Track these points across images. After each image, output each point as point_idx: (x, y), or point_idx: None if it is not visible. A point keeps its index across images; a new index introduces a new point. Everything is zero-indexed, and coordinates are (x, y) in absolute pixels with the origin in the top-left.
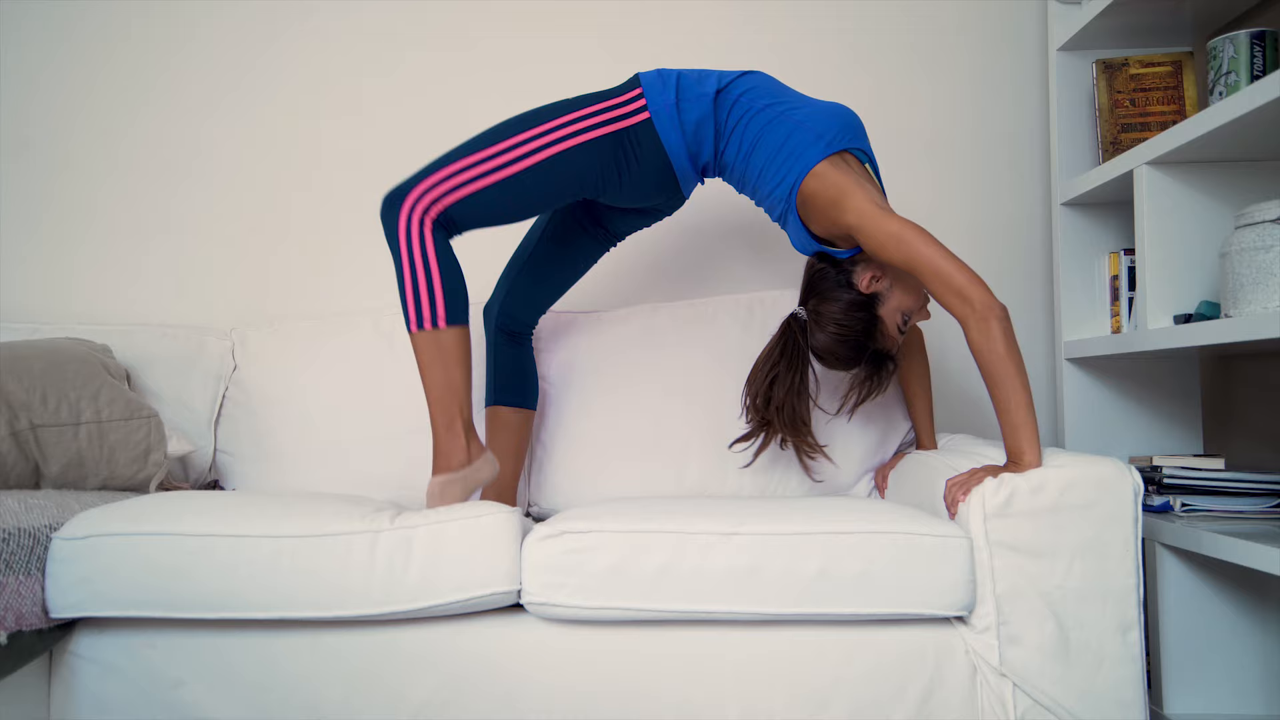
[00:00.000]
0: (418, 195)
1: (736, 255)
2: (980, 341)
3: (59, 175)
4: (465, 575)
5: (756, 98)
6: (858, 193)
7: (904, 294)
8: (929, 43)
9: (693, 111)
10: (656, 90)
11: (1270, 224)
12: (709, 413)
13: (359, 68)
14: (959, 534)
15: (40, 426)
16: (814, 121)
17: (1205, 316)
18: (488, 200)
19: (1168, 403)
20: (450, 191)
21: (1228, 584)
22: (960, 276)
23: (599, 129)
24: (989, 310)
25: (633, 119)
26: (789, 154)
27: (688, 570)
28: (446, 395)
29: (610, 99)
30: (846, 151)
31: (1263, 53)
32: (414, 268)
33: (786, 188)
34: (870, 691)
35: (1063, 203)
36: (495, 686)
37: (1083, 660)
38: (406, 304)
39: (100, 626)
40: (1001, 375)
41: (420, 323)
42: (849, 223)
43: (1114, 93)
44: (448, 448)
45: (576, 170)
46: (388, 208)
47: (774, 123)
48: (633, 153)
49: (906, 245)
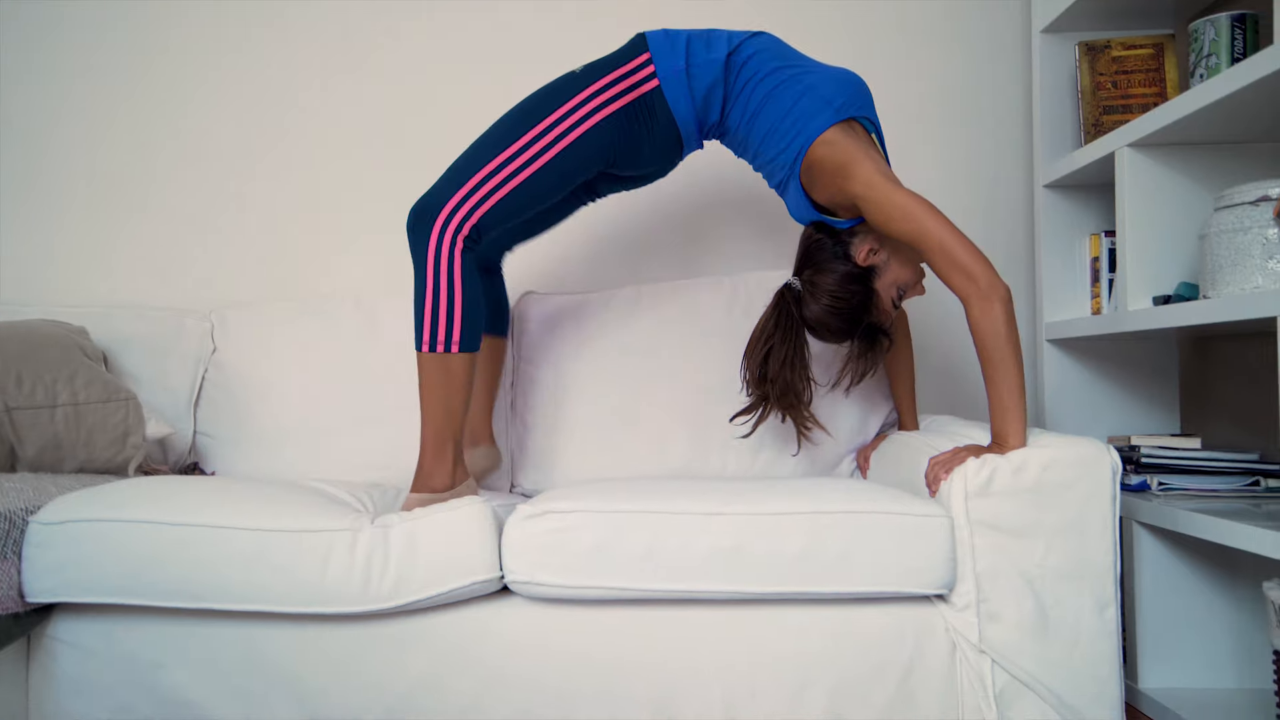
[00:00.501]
0: (449, 213)
1: (720, 238)
2: (982, 321)
3: (36, 158)
4: (445, 569)
5: (765, 60)
6: (866, 162)
7: (900, 267)
8: (913, 24)
9: (703, 78)
10: (666, 54)
11: (1249, 206)
12: (692, 394)
13: (338, 51)
14: (940, 513)
15: (15, 409)
16: (824, 86)
17: (1184, 298)
18: (515, 202)
19: (1146, 383)
20: (479, 204)
21: (1202, 561)
22: (966, 254)
23: (612, 104)
24: (993, 290)
25: (643, 87)
26: (797, 118)
27: (671, 550)
28: (443, 420)
29: (618, 67)
30: (854, 119)
31: (1243, 35)
32: (437, 290)
33: (793, 153)
34: (852, 668)
35: (1045, 184)
36: (483, 663)
37: (1060, 637)
38: (422, 324)
39: (78, 611)
40: (999, 357)
41: (433, 345)
42: (855, 192)
43: (1096, 75)
44: (432, 469)
45: (596, 149)
46: (418, 224)
47: (783, 86)
48: (645, 122)
49: (914, 219)
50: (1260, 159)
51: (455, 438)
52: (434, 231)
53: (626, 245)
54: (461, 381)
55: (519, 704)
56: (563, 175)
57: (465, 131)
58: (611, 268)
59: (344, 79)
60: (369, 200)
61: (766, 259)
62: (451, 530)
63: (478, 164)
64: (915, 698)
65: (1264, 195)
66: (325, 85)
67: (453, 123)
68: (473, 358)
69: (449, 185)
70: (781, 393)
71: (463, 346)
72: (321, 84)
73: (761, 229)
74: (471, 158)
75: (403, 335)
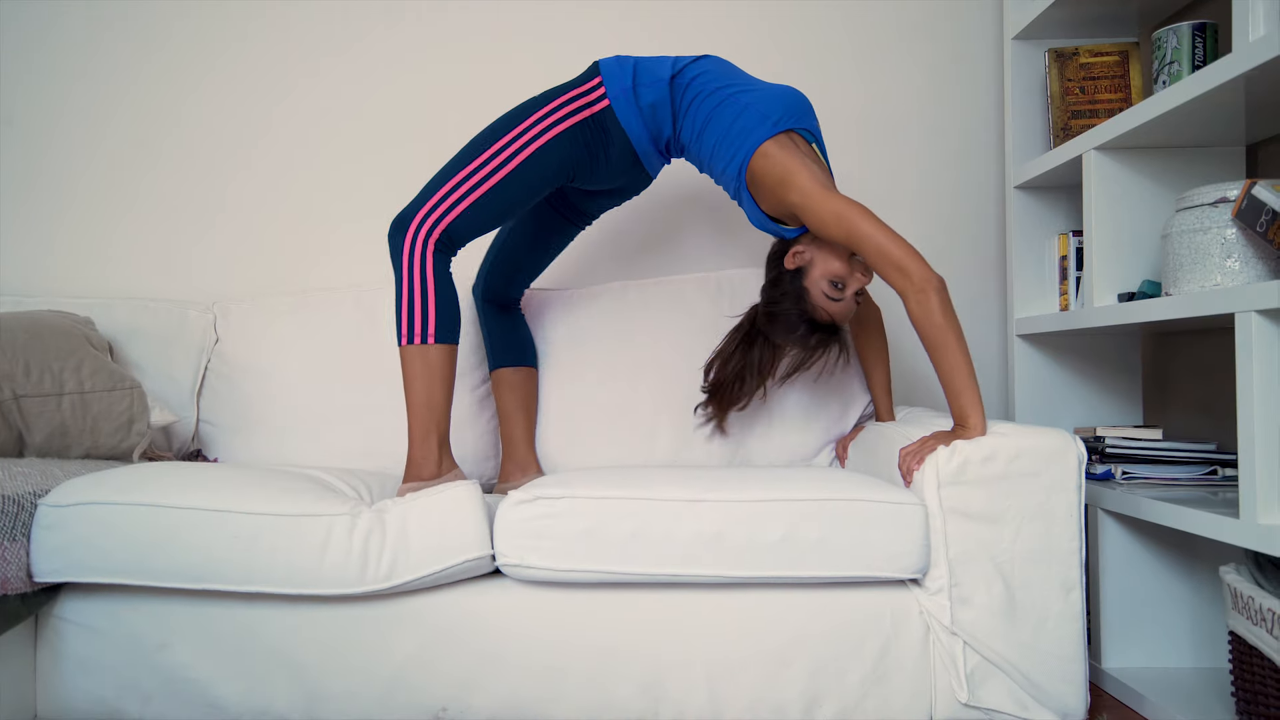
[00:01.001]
0: (420, 220)
1: (705, 235)
2: (919, 313)
3: (42, 151)
4: (438, 548)
5: (709, 80)
6: (802, 172)
7: (825, 261)
8: (890, 31)
9: (649, 95)
10: (615, 76)
11: (1208, 207)
12: (678, 386)
13: (340, 47)
14: (914, 501)
15: (23, 397)
16: (761, 103)
17: (1147, 295)
18: (480, 210)
19: (1111, 376)
20: (447, 212)
21: (1163, 547)
22: (898, 251)
23: (566, 120)
24: (926, 283)
25: (595, 107)
26: (738, 133)
27: (657, 535)
28: (425, 409)
29: (573, 89)
30: (793, 131)
31: (1204, 44)
32: (412, 286)
33: (736, 166)
34: (830, 649)
35: (1015, 186)
36: (474, 643)
37: (1028, 619)
38: (400, 319)
39: (85, 591)
40: (941, 343)
41: (410, 337)
42: (793, 200)
43: (1065, 80)
44: (420, 458)
45: (553, 162)
46: (394, 233)
47: (724, 104)
48: (600, 138)
49: (847, 222)
50: (1219, 162)
51: (439, 428)
52: (407, 237)
53: (614, 243)
54: (441, 373)
55: (510, 682)
56: (525, 185)
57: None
58: (599, 264)
59: (343, 73)
60: (368, 194)
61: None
62: (443, 511)
63: (446, 178)
64: (890, 677)
65: (1223, 197)
66: (324, 80)
67: (452, 118)
68: (451, 350)
69: (422, 198)
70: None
71: (439, 338)
72: (320, 79)
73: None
74: (441, 173)
75: None
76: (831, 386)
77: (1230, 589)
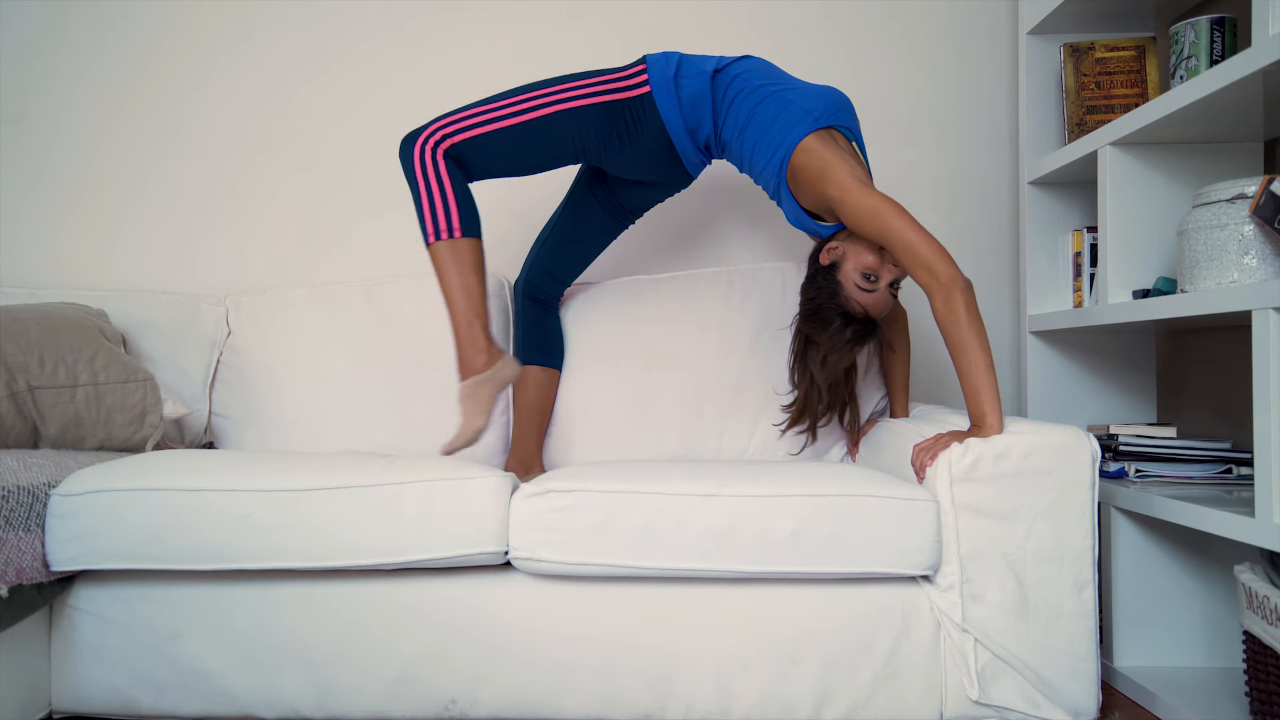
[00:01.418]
0: (430, 131)
1: (722, 230)
2: (944, 311)
3: (56, 145)
4: (456, 533)
5: (751, 78)
6: (841, 167)
7: (857, 254)
8: (905, 26)
9: (690, 87)
10: (659, 67)
11: (1225, 203)
12: (690, 381)
13: (349, 41)
14: (926, 497)
15: (38, 388)
16: (804, 99)
17: (1162, 292)
18: (493, 143)
19: (1125, 374)
20: (460, 130)
21: (1176, 545)
22: (927, 250)
23: (602, 95)
24: (953, 283)
25: (633, 91)
26: (780, 129)
27: (668, 530)
28: (464, 301)
29: (617, 72)
30: (834, 129)
31: (1222, 38)
32: (429, 187)
33: (777, 161)
34: (840, 645)
35: (1030, 181)
36: (484, 637)
37: (1040, 617)
38: (424, 219)
39: (99, 580)
40: (963, 342)
41: (437, 234)
42: (831, 195)
43: (1080, 75)
44: (470, 352)
45: (575, 127)
46: (404, 144)
47: (767, 100)
48: (633, 123)
49: (881, 219)
50: (1237, 158)
51: (480, 318)
52: (417, 143)
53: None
54: (473, 263)
55: (519, 676)
56: (541, 138)
57: None
58: (613, 259)
59: (354, 67)
60: (379, 186)
61: (762, 251)
62: (468, 496)
63: (470, 105)
64: (901, 674)
65: (1240, 193)
66: (335, 73)
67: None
68: (478, 242)
69: (440, 116)
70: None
71: (464, 231)
72: (331, 72)
73: (756, 223)
74: (467, 103)
75: (411, 320)
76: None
77: (1245, 588)
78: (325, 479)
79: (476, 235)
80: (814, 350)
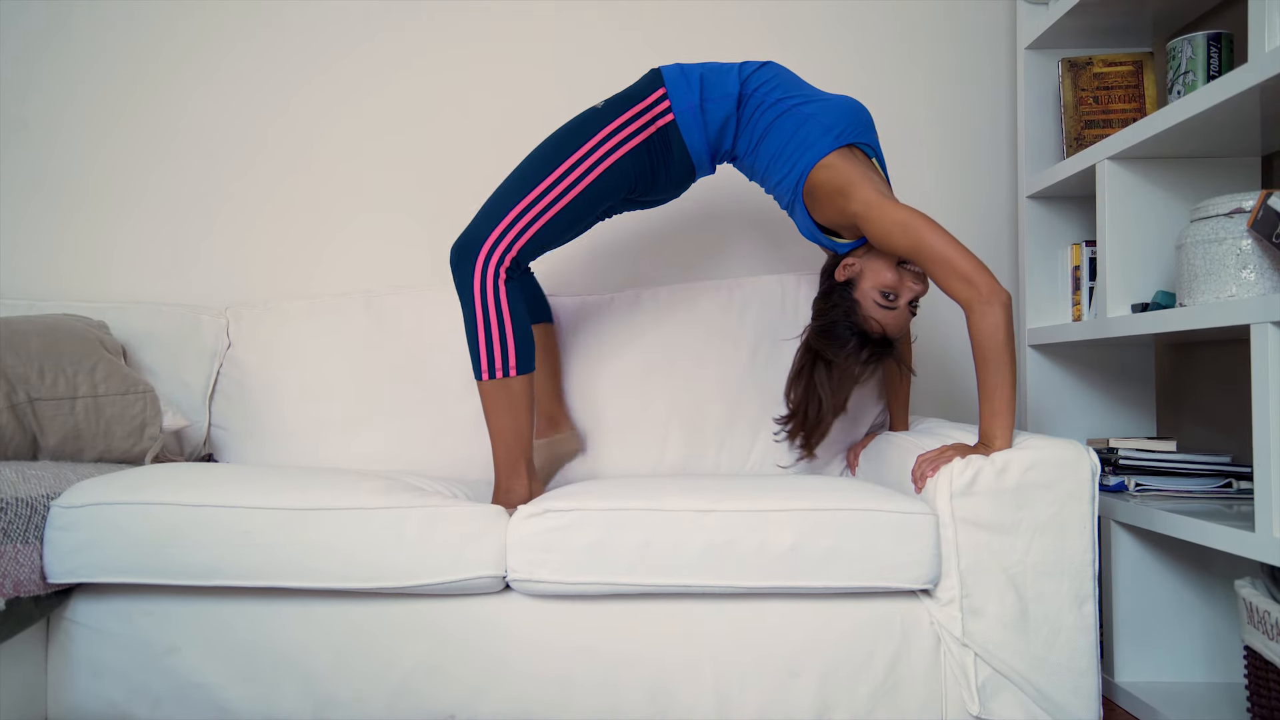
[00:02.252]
0: (490, 248)
1: (718, 243)
2: (983, 326)
3: (56, 155)
4: (455, 558)
5: (771, 91)
6: (864, 183)
7: (875, 272)
8: (904, 40)
9: (718, 111)
10: (681, 90)
11: (1223, 218)
12: (689, 395)
13: (354, 48)
14: (926, 511)
15: (38, 400)
16: (824, 114)
17: (1161, 306)
18: (549, 233)
19: (1124, 387)
20: (517, 238)
21: (1176, 560)
22: (966, 263)
23: (633, 139)
24: (994, 296)
25: (660, 122)
26: (799, 145)
27: (666, 546)
28: (513, 439)
29: (637, 103)
30: (854, 145)
31: (1218, 54)
32: (488, 321)
33: (795, 177)
34: (840, 660)
35: (1028, 195)
36: (483, 650)
37: (1040, 631)
38: (479, 355)
39: (96, 593)
40: (995, 362)
41: (492, 373)
42: (855, 211)
43: (1078, 90)
44: (511, 486)
45: (619, 181)
46: (461, 261)
47: (786, 114)
48: (662, 155)
49: (913, 232)
50: (1234, 172)
51: (526, 454)
52: (477, 267)
53: (627, 250)
54: (524, 402)
55: (517, 690)
56: (590, 204)
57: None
58: (612, 271)
59: (350, 77)
60: (378, 197)
61: (762, 264)
62: (468, 522)
63: (512, 201)
64: (901, 689)
65: (1238, 207)
66: (332, 84)
67: (461, 120)
68: (530, 378)
69: (487, 222)
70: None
71: (520, 369)
72: (327, 82)
73: (757, 235)
74: (505, 194)
75: (411, 331)
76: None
77: (1246, 603)
78: (328, 499)
79: (531, 370)
80: (822, 368)
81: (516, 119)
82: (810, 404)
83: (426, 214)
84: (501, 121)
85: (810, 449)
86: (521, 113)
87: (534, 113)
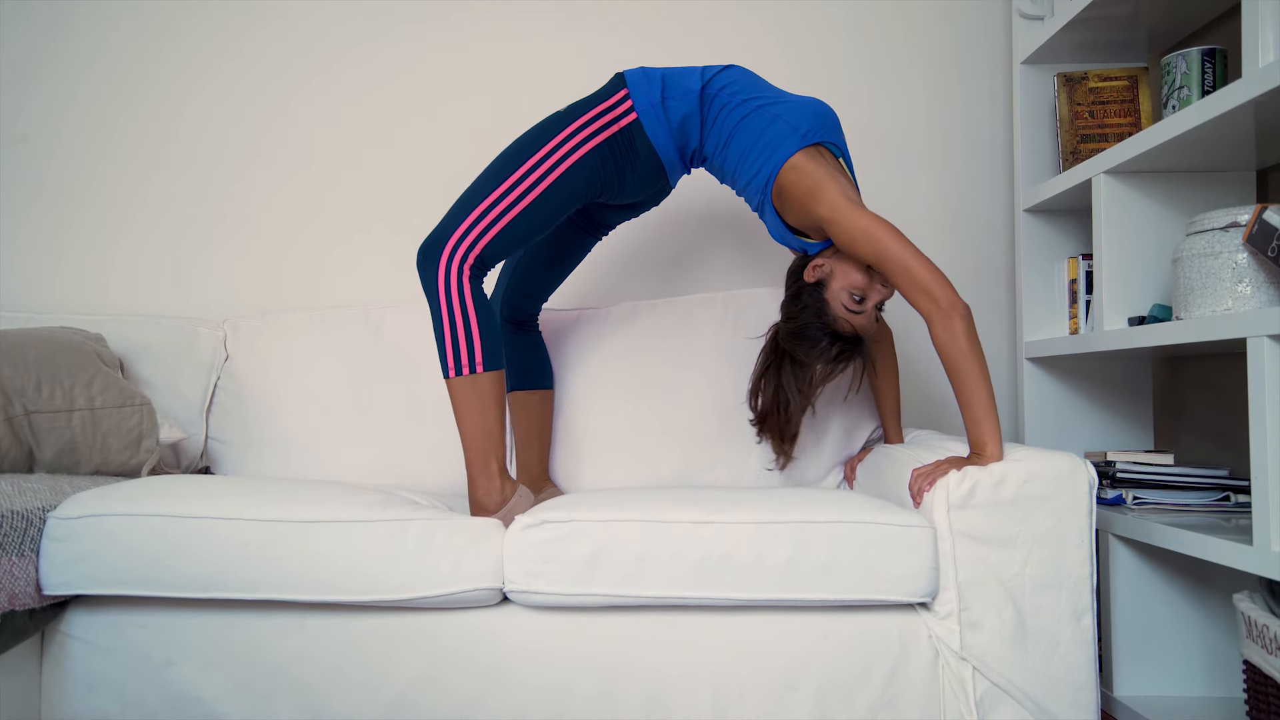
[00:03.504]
0: (453, 247)
1: (716, 253)
2: (944, 338)
3: (54, 168)
4: (452, 571)
5: (736, 91)
6: (831, 185)
7: (845, 273)
8: (900, 54)
9: (679, 108)
10: (642, 90)
11: (1219, 232)
12: (685, 407)
13: (350, 60)
14: (923, 524)
15: (34, 413)
16: (790, 115)
17: (1158, 319)
18: (512, 232)
19: (1121, 401)
20: (479, 237)
21: (1175, 573)
22: (926, 274)
23: (595, 138)
24: (953, 308)
25: (622, 121)
26: (766, 145)
27: (663, 558)
28: (482, 439)
29: (599, 104)
30: (821, 145)
31: (1213, 69)
32: (453, 318)
33: (763, 178)
34: (837, 673)
35: (1025, 209)
36: (480, 666)
37: (1039, 645)
38: (445, 352)
39: (92, 607)
40: (964, 370)
41: (459, 369)
42: (821, 214)
43: (1074, 104)
44: (484, 492)
45: (583, 180)
46: (425, 260)
47: (752, 115)
48: (627, 153)
49: (876, 240)
50: (1230, 187)
51: (498, 454)
52: (440, 265)
53: (622, 263)
54: (493, 400)
55: (515, 702)
56: (554, 205)
57: (468, 141)
58: (607, 284)
59: (347, 87)
60: (376, 208)
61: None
62: (466, 535)
63: (476, 201)
64: (899, 702)
65: (1234, 221)
66: (329, 97)
67: (460, 128)
68: (500, 375)
69: (451, 222)
70: (776, 420)
71: (487, 365)
72: (325, 93)
73: (750, 248)
74: (470, 195)
75: (409, 344)
76: (840, 408)
77: (1244, 617)
78: (326, 511)
79: (499, 367)
80: (790, 368)
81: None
82: (779, 403)
83: (424, 226)
84: (497, 130)
85: (787, 452)
86: (518, 121)
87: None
